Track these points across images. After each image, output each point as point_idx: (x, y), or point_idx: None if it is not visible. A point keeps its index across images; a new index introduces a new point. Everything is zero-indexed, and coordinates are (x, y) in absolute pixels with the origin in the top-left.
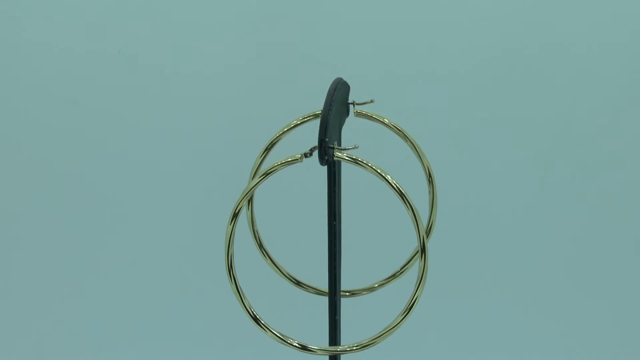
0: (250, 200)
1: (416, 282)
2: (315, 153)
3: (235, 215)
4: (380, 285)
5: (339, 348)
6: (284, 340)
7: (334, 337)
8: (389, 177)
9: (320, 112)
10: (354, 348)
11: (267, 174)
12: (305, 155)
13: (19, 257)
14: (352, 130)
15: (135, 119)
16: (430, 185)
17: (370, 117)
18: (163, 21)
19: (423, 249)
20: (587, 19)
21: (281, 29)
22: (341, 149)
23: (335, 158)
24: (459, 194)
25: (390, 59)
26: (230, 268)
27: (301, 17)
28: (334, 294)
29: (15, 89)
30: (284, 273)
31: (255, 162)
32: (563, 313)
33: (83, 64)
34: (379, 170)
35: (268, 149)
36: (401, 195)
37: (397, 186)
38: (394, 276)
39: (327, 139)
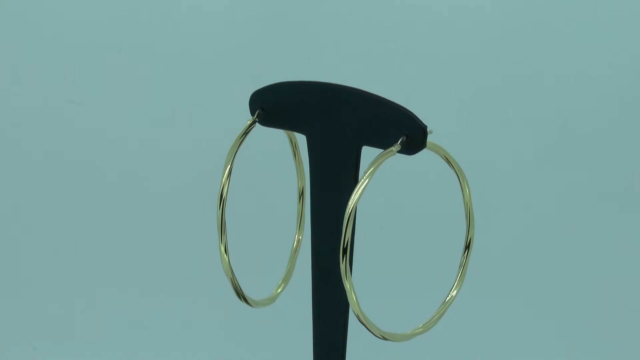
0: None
1: (457, 274)
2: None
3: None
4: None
5: (417, 330)
6: (385, 338)
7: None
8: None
9: (250, 121)
10: (421, 329)
11: (367, 178)
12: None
13: (18, 255)
14: None
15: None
16: (300, 202)
17: None
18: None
19: (468, 246)
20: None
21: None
22: None
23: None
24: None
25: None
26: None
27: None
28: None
29: (15, 89)
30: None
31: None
32: (563, 314)
33: (82, 64)
34: (450, 160)
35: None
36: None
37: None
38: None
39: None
